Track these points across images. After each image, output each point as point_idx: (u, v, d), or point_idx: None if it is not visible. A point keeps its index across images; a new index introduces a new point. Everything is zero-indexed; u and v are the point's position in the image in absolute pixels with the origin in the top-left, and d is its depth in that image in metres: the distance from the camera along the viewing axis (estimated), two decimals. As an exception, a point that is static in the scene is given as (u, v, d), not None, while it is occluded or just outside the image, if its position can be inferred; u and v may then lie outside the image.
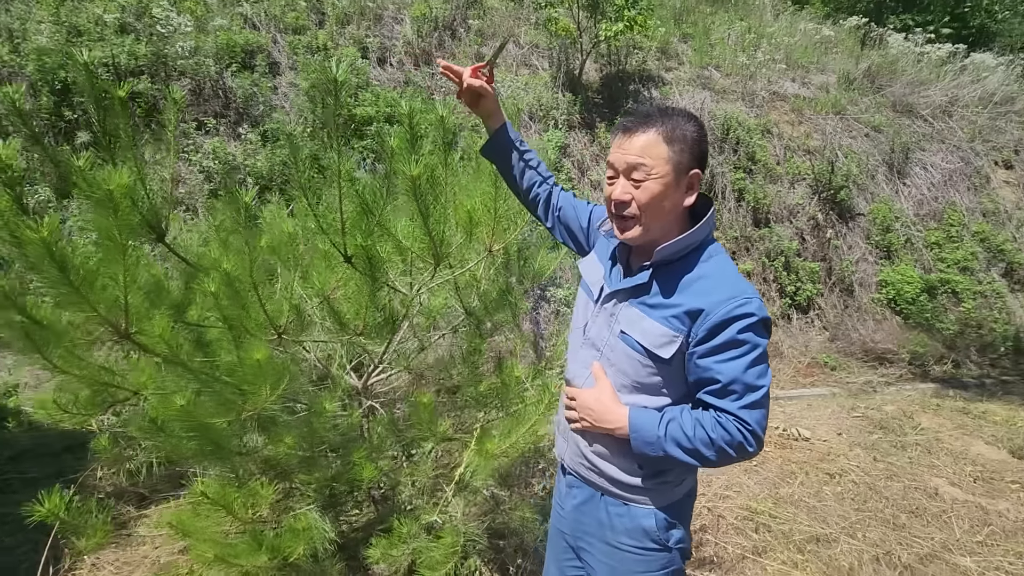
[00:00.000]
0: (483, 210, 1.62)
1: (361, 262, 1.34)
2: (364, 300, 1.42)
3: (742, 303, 1.07)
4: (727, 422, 1.07)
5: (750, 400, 1.06)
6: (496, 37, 7.61)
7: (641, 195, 1.12)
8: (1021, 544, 2.48)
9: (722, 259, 1.17)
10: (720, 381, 1.08)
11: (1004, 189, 8.53)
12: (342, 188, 1.26)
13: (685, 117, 1.14)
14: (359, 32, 6.88)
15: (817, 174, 7.27)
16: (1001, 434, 3.73)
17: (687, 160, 1.12)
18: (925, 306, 6.98)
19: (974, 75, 9.16)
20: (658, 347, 1.14)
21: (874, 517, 2.67)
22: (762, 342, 1.08)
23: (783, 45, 8.60)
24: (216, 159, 5.53)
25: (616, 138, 1.17)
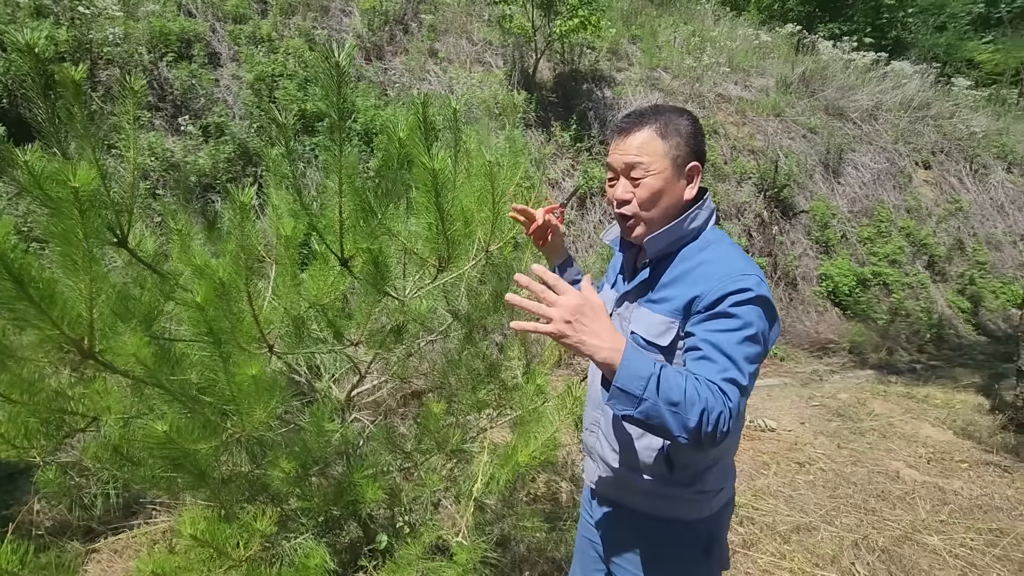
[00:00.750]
0: (482, 208, 1.53)
1: (362, 266, 1.23)
2: (366, 308, 1.30)
3: (738, 279, 1.02)
4: (712, 388, 0.92)
5: (733, 376, 0.95)
6: (449, 33, 7.47)
7: (641, 192, 1.12)
8: (978, 520, 2.65)
9: (723, 244, 1.14)
10: (701, 349, 0.99)
11: (924, 188, 9.23)
12: (343, 185, 1.14)
13: (677, 112, 1.15)
14: (305, 23, 6.56)
15: (762, 173, 7.59)
16: (943, 416, 4.00)
17: (684, 154, 1.12)
18: (860, 298, 7.43)
19: (895, 81, 9.85)
20: (657, 336, 1.12)
21: (847, 503, 2.78)
22: (756, 322, 1.00)
23: (726, 49, 8.93)
24: (153, 155, 5.11)
25: (613, 141, 1.17)
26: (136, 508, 2.49)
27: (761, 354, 1.02)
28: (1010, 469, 3.19)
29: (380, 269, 1.24)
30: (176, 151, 5.16)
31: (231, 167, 5.15)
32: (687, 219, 1.13)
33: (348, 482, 1.44)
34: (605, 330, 0.91)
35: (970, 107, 10.37)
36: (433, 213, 1.15)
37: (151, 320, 1.42)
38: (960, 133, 9.82)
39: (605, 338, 0.91)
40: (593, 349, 0.90)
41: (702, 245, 1.14)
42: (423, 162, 1.06)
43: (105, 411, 1.37)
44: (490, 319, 1.90)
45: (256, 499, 1.41)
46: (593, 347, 0.90)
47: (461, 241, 1.31)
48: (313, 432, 1.34)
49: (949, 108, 10.11)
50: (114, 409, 1.35)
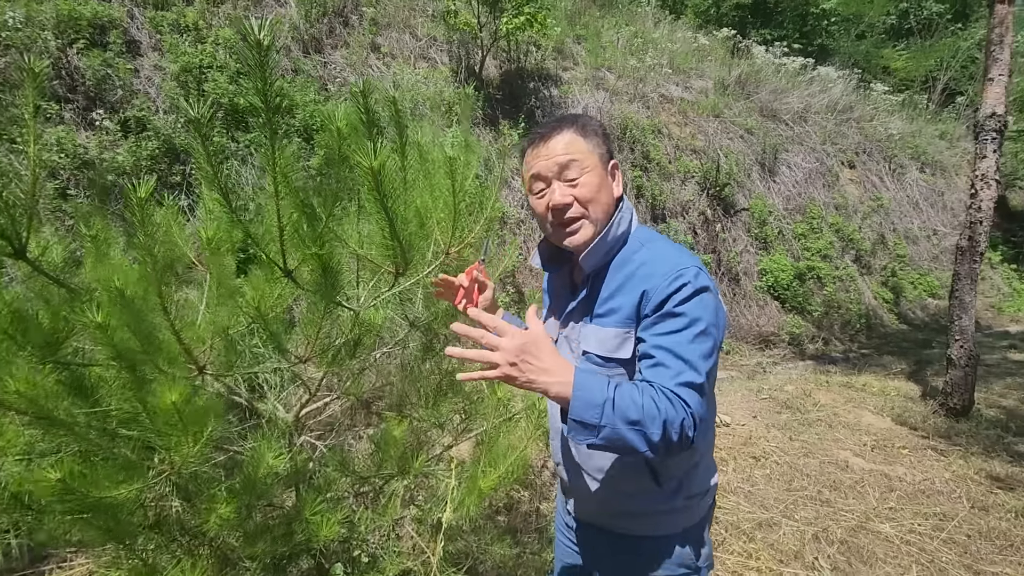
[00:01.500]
0: (442, 207, 1.41)
1: (308, 275, 1.07)
2: (314, 321, 1.15)
3: (677, 275, 1.00)
4: (670, 396, 0.90)
5: (688, 379, 0.92)
6: (391, 27, 7.23)
7: (581, 191, 1.08)
8: (923, 505, 2.77)
9: (655, 242, 1.12)
10: (654, 356, 0.96)
11: (850, 186, 9.80)
12: (279, 186, 0.99)
13: (585, 116, 1.15)
14: (236, 12, 6.16)
15: (704, 172, 7.80)
16: (881, 404, 4.20)
17: (604, 151, 1.13)
18: (797, 291, 7.78)
19: (822, 85, 10.41)
20: (615, 350, 1.06)
21: (803, 495, 2.84)
22: (703, 315, 0.98)
23: (667, 51, 9.13)
24: (62, 152, 4.63)
25: (532, 150, 1.13)
26: (49, 552, 2.20)
27: (714, 346, 1.00)
28: (945, 452, 3.38)
29: (329, 278, 1.09)
30: (91, 147, 4.70)
31: (155, 165, 4.74)
32: (614, 225, 1.11)
33: (299, 518, 1.28)
34: (553, 364, 0.89)
35: (887, 111, 11.10)
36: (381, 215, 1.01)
37: (56, 344, 1.20)
38: (880, 135, 10.50)
39: (554, 372, 0.88)
40: (544, 386, 0.88)
41: (634, 247, 1.12)
42: (359, 160, 0.92)
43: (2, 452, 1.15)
44: (448, 331, 1.77)
45: (191, 544, 1.23)
46: (543, 384, 0.88)
47: (417, 244, 1.18)
48: (254, 468, 1.17)
49: (869, 111, 10.78)
50: (10, 449, 1.14)
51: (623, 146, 7.47)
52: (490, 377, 0.88)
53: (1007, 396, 4.49)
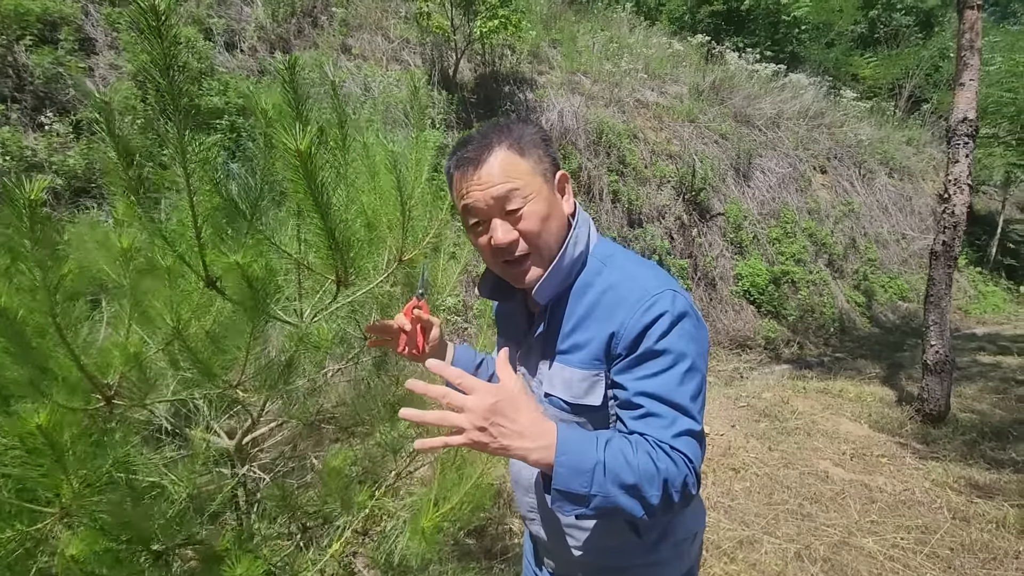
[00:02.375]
0: (391, 209, 1.27)
1: (235, 286, 0.92)
2: (242, 340, 0.99)
3: (650, 303, 0.86)
4: (669, 451, 0.79)
5: (685, 427, 0.81)
6: (363, 29, 7.06)
7: (527, 225, 0.90)
8: (905, 517, 2.72)
9: (619, 259, 0.96)
10: (641, 406, 0.83)
11: (822, 191, 9.92)
12: (191, 181, 0.84)
13: (519, 123, 0.96)
14: (199, 11, 5.93)
15: (680, 177, 7.79)
16: (858, 411, 4.18)
17: (548, 164, 0.94)
18: (772, 295, 7.81)
19: (793, 92, 10.54)
20: (583, 396, 0.92)
21: (784, 509, 2.76)
22: (687, 348, 0.85)
23: (642, 56, 9.13)
24: (7, 154, 4.36)
25: (460, 175, 0.93)
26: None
27: (703, 379, 0.88)
28: (923, 459, 3.34)
29: (256, 290, 0.94)
30: (39, 150, 4.44)
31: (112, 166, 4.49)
32: (568, 246, 0.93)
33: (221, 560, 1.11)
34: (530, 424, 0.76)
35: (857, 117, 11.30)
36: (312, 209, 0.87)
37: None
38: (850, 140, 10.67)
39: (533, 435, 0.75)
40: (521, 452, 0.75)
41: (596, 268, 0.95)
42: (284, 143, 0.78)
43: None
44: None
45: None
46: (520, 450, 0.75)
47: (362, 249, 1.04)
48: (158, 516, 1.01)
49: (840, 117, 10.96)
50: None
51: (599, 150, 7.41)
52: (456, 444, 0.75)
53: (980, 400, 4.51)
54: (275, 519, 1.49)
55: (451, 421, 0.74)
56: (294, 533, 1.54)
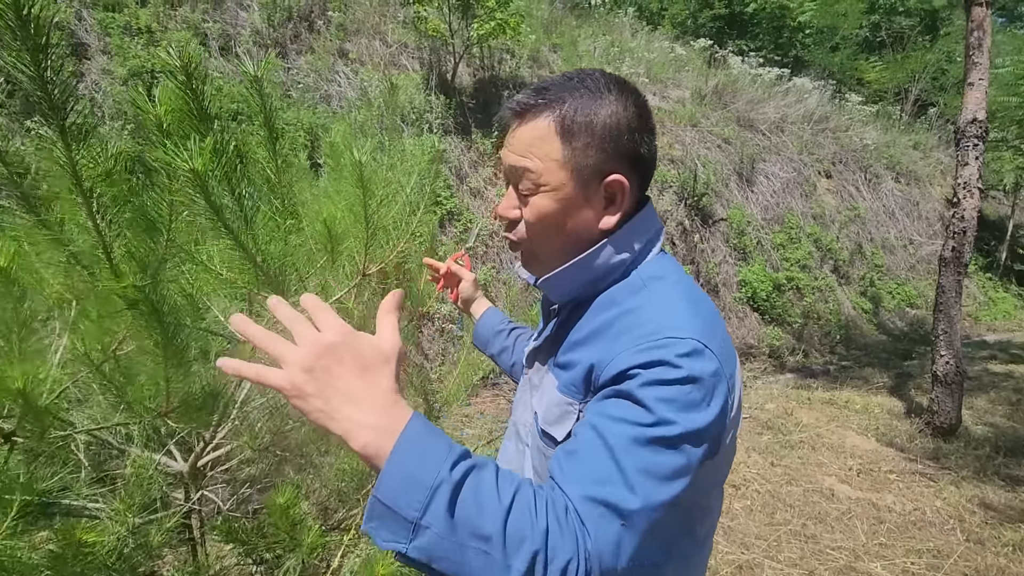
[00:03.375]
0: (351, 220, 1.16)
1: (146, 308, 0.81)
2: (165, 367, 0.88)
3: (657, 346, 0.62)
4: (565, 519, 0.54)
5: (610, 497, 0.55)
6: (360, 33, 7.00)
7: (529, 214, 0.74)
8: (915, 539, 2.57)
9: (665, 286, 0.73)
10: (575, 443, 0.62)
11: (827, 196, 9.77)
12: (88, 191, 0.73)
13: (599, 90, 0.72)
14: (195, 16, 5.88)
15: (682, 182, 7.67)
16: (865, 423, 4.03)
17: (597, 160, 0.71)
18: (776, 302, 7.65)
19: (797, 96, 10.41)
20: (552, 423, 0.75)
21: (786, 530, 2.62)
22: (678, 418, 0.59)
23: (644, 60, 9.04)
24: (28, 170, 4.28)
25: (509, 126, 0.76)
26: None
27: (682, 471, 0.59)
28: (934, 477, 3.20)
29: (162, 313, 0.82)
30: (26, 155, 4.36)
31: (94, 174, 4.42)
32: (603, 250, 0.74)
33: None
34: (371, 392, 0.52)
35: (862, 121, 11.16)
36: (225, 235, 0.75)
37: None
38: (855, 145, 10.52)
39: (368, 406, 0.51)
40: (345, 424, 0.50)
41: (635, 286, 0.74)
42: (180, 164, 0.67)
43: None
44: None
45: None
46: (345, 421, 0.50)
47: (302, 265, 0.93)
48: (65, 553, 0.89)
49: (845, 122, 10.82)
50: None
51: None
52: (270, 382, 0.51)
53: (993, 412, 4.34)
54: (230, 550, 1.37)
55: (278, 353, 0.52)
56: (252, 564, 1.42)
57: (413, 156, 1.54)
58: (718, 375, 0.63)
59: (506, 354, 1.24)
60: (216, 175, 0.70)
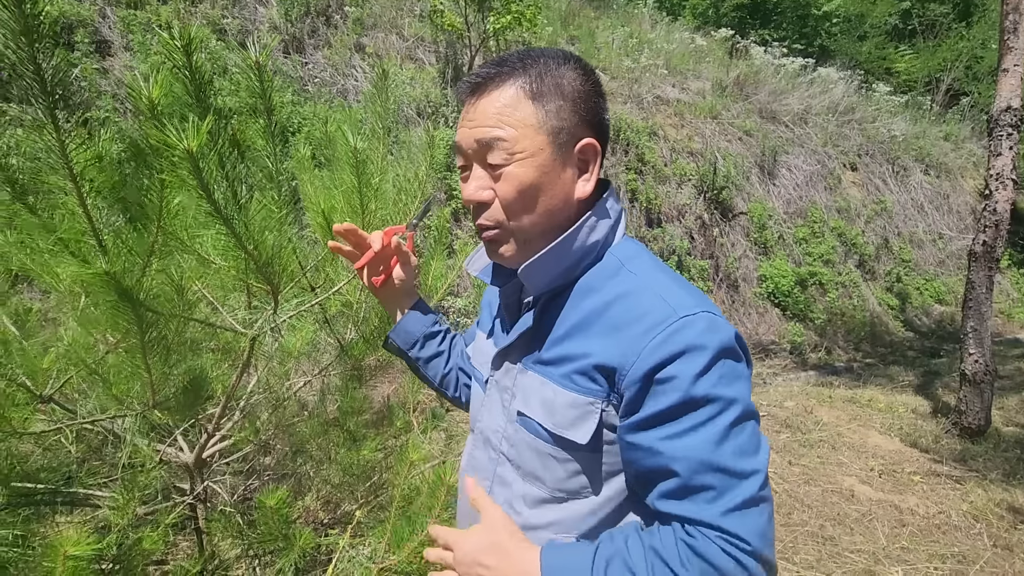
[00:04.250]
0: (348, 211, 1.14)
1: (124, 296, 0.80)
2: (144, 357, 0.87)
3: (675, 330, 0.64)
4: (706, 545, 0.60)
5: (737, 497, 0.61)
6: (377, 27, 7.01)
7: (504, 189, 0.71)
8: (939, 544, 2.48)
9: (644, 264, 0.74)
10: (679, 472, 0.63)
11: (852, 189, 9.51)
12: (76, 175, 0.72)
13: (558, 58, 0.72)
14: (214, 12, 5.96)
15: (701, 175, 7.53)
16: (888, 423, 3.91)
17: (571, 122, 0.71)
18: (798, 298, 7.48)
19: (822, 87, 10.14)
20: (568, 426, 0.72)
21: (803, 531, 2.55)
22: (732, 392, 0.63)
23: (663, 51, 8.88)
24: (21, 155, 4.38)
25: (464, 103, 0.74)
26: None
27: (757, 427, 0.65)
28: (961, 480, 3.08)
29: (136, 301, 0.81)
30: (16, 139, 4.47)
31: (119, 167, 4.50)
32: (580, 231, 0.72)
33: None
34: (510, 563, 0.68)
35: (890, 112, 10.82)
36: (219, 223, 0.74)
37: None
38: (882, 136, 10.22)
39: (515, 574, 0.67)
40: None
41: (612, 267, 0.74)
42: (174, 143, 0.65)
43: None
44: (381, 353, 1.50)
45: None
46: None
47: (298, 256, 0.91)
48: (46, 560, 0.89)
49: (872, 113, 10.51)
50: None
51: (616, 148, 7.21)
52: None
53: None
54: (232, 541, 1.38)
55: None
56: (250, 558, 1.42)
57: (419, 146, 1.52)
58: (731, 330, 0.67)
59: (438, 361, 1.04)
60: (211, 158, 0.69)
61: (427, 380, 1.05)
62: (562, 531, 0.74)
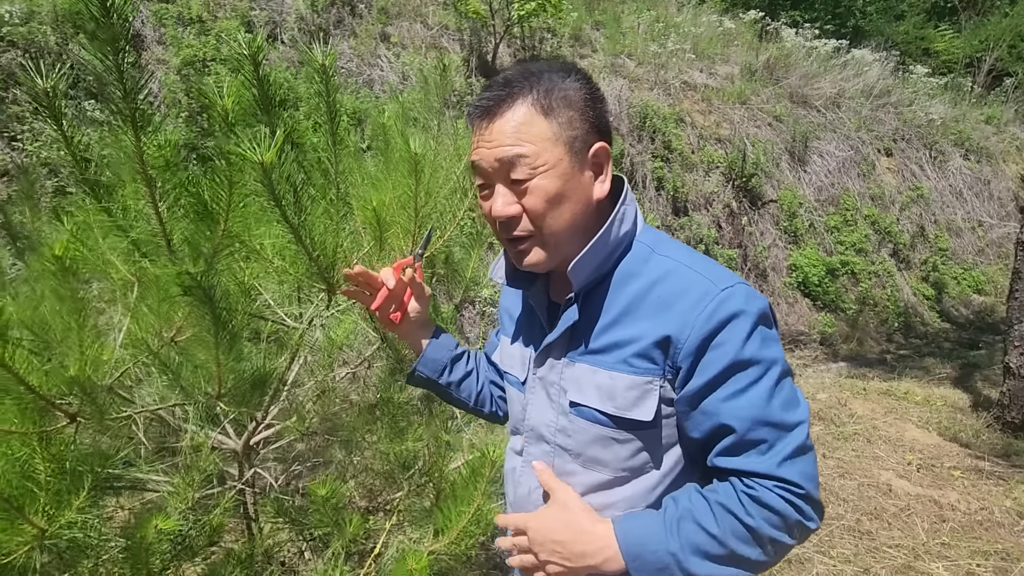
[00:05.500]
0: (398, 208, 1.15)
1: (200, 295, 0.83)
2: (212, 353, 0.90)
3: (721, 301, 0.72)
4: (765, 493, 0.68)
5: (787, 447, 0.69)
6: (402, 16, 7.00)
7: (532, 201, 0.76)
8: (982, 540, 2.43)
9: (671, 247, 0.82)
10: (735, 430, 0.71)
11: (887, 175, 9.22)
12: (153, 179, 0.74)
13: (561, 72, 0.78)
14: (242, 4, 6.02)
15: (729, 162, 7.39)
16: (926, 416, 3.82)
17: (582, 132, 0.77)
18: (829, 287, 7.33)
19: (856, 69, 9.81)
20: (631, 407, 0.77)
21: (839, 525, 2.52)
22: (773, 353, 0.72)
23: (690, 35, 8.69)
24: (61, 149, 4.52)
25: (475, 126, 0.79)
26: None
27: (792, 382, 0.75)
28: (1004, 476, 3.00)
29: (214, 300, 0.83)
30: (93, 143, 4.59)
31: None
32: (613, 224, 0.79)
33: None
34: (585, 539, 0.74)
35: (928, 95, 10.43)
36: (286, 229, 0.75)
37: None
38: (919, 120, 9.86)
39: (592, 551, 0.73)
40: (597, 564, 0.73)
41: (643, 254, 0.81)
42: (242, 152, 0.67)
43: None
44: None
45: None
46: (595, 564, 0.73)
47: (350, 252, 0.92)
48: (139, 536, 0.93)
49: (908, 96, 10.15)
50: None
51: (642, 136, 7.11)
52: None
53: (1071, 407, 4.03)
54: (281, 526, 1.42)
55: (526, 563, 0.78)
56: (302, 541, 1.46)
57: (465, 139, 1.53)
58: (766, 300, 0.76)
59: (469, 380, 1.06)
60: (285, 168, 0.71)
61: (462, 404, 1.07)
62: (628, 508, 0.80)
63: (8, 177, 4.38)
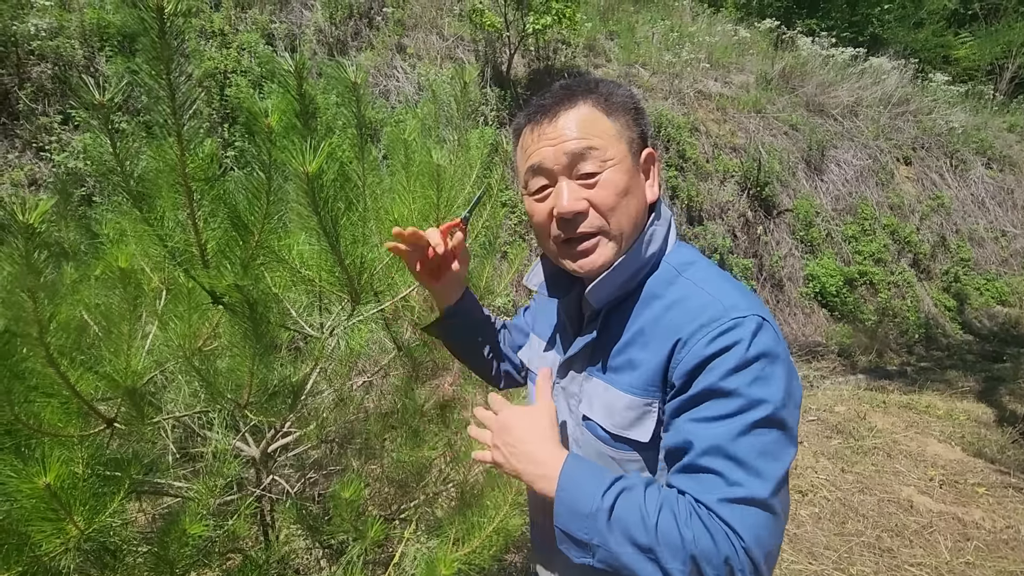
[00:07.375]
0: (419, 219, 1.17)
1: (240, 305, 0.85)
2: (247, 362, 0.92)
3: (726, 327, 0.68)
4: (707, 517, 0.63)
5: (740, 493, 0.62)
6: (418, 28, 7.10)
7: (602, 195, 0.76)
8: (1008, 560, 2.37)
9: (700, 271, 0.78)
10: (692, 450, 0.67)
11: (906, 184, 9.10)
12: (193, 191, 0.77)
13: (609, 81, 0.83)
14: (263, 17, 6.15)
15: (744, 171, 7.35)
16: (949, 430, 3.74)
17: (636, 133, 0.80)
18: (847, 298, 7.23)
19: (874, 77, 9.72)
20: (627, 426, 0.76)
21: (858, 542, 2.47)
22: (763, 394, 0.65)
23: (705, 45, 8.69)
24: (89, 159, 4.65)
25: (532, 130, 0.80)
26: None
27: (789, 439, 0.66)
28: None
29: (256, 311, 0.86)
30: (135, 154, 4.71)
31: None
32: (642, 244, 0.78)
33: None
34: (536, 450, 0.74)
35: (948, 102, 10.29)
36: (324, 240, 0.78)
37: None
38: (939, 128, 9.73)
39: (540, 462, 0.73)
40: (528, 478, 0.74)
41: (669, 276, 0.79)
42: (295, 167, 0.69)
43: None
44: (438, 354, 1.53)
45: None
46: (527, 475, 0.74)
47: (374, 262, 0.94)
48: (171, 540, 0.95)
49: (928, 104, 10.02)
50: None
51: (656, 145, 7.11)
52: (483, 459, 0.82)
53: (1101, 422, 3.93)
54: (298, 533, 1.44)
55: (481, 437, 0.83)
56: (319, 548, 1.48)
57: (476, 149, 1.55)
58: (781, 341, 0.70)
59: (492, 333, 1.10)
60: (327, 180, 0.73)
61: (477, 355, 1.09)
62: None
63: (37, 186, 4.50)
